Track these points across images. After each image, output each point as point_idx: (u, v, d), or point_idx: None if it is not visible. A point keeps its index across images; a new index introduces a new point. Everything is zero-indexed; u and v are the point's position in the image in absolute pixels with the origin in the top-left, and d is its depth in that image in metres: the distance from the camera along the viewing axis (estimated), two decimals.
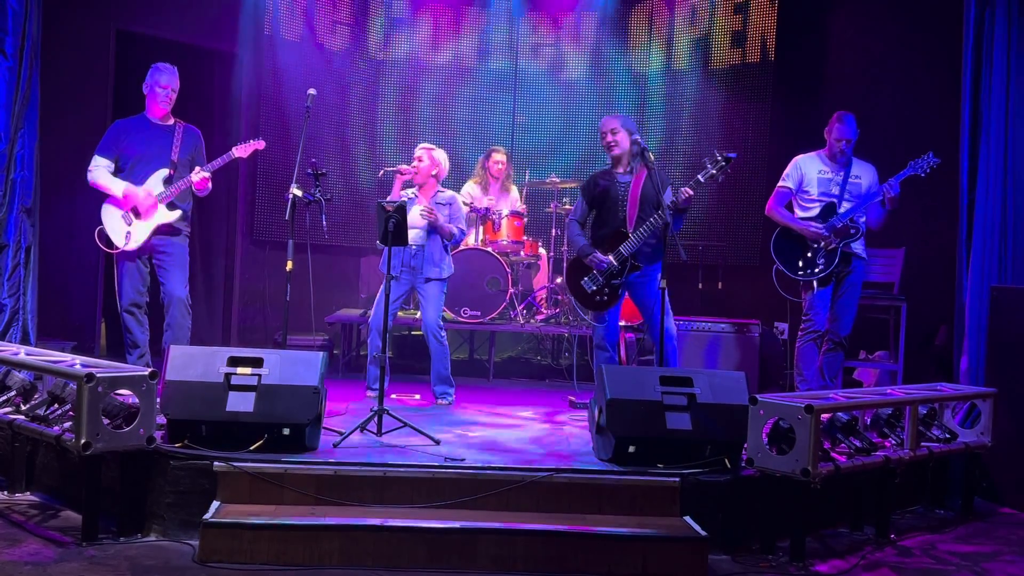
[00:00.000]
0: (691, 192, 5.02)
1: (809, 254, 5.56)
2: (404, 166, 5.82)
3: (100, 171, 5.28)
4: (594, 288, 5.26)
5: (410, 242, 5.61)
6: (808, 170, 5.68)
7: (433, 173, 5.81)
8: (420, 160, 5.77)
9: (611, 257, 5.19)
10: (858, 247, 5.58)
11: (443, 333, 5.79)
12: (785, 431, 3.91)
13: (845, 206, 5.56)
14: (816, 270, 5.52)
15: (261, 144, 5.50)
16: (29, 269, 5.36)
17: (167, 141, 5.34)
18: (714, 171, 4.99)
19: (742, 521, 4.00)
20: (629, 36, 9.00)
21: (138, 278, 5.32)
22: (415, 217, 5.66)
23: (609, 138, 5.33)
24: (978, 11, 5.36)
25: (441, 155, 5.86)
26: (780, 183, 5.75)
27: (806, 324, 5.64)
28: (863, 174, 5.64)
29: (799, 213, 5.68)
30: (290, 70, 8.27)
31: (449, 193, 5.91)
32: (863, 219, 5.58)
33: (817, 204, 5.62)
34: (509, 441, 4.71)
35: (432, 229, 5.73)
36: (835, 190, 5.60)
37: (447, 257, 5.84)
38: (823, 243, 5.51)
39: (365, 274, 8.41)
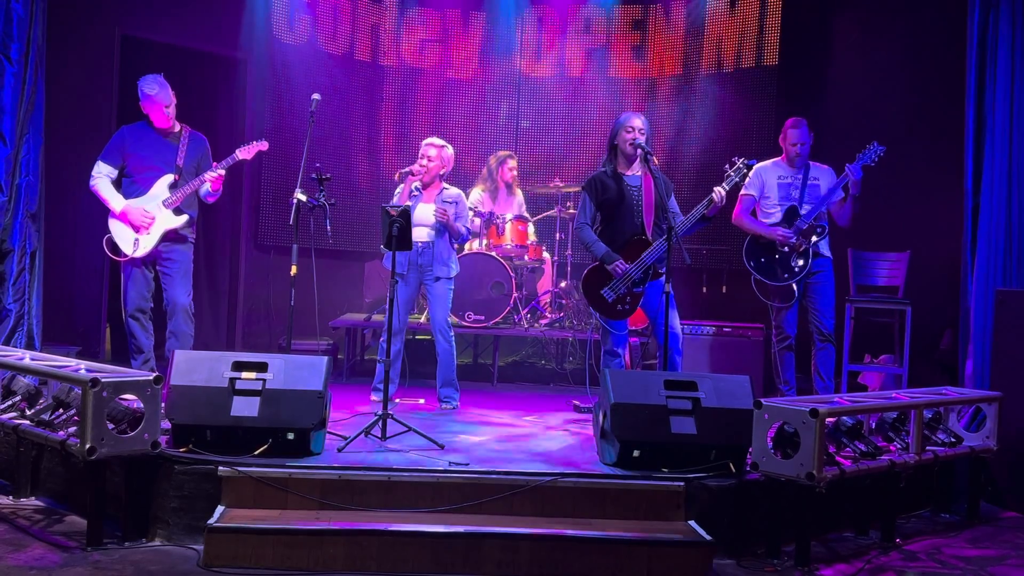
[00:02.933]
0: (720, 204, 4.97)
1: (783, 259, 5.66)
2: (416, 166, 5.71)
3: (102, 181, 5.30)
4: (615, 297, 5.09)
5: (417, 240, 5.60)
6: (768, 177, 5.81)
7: (441, 172, 5.80)
8: (430, 159, 5.72)
9: (634, 266, 5.08)
10: (823, 247, 5.68)
11: (451, 333, 5.77)
12: (790, 435, 3.90)
13: (807, 208, 5.67)
14: (794, 272, 5.61)
15: (264, 145, 5.51)
16: (34, 274, 5.37)
17: (172, 147, 5.37)
18: (737, 179, 5.01)
19: (747, 525, 3.99)
20: (632, 39, 9.00)
21: (143, 284, 5.33)
22: (423, 215, 5.65)
23: (638, 135, 5.09)
24: (982, 13, 5.35)
25: (449, 152, 5.83)
26: (743, 191, 5.83)
27: (778, 334, 5.75)
28: (821, 176, 5.77)
29: (763, 220, 5.80)
30: (295, 75, 8.28)
31: (455, 191, 5.86)
32: (825, 218, 5.71)
33: (779, 208, 5.74)
34: (513, 445, 4.70)
35: (441, 227, 5.69)
36: (795, 194, 5.73)
37: (454, 255, 5.83)
38: (793, 245, 5.60)
39: (369, 278, 8.41)
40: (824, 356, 5.67)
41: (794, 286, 5.65)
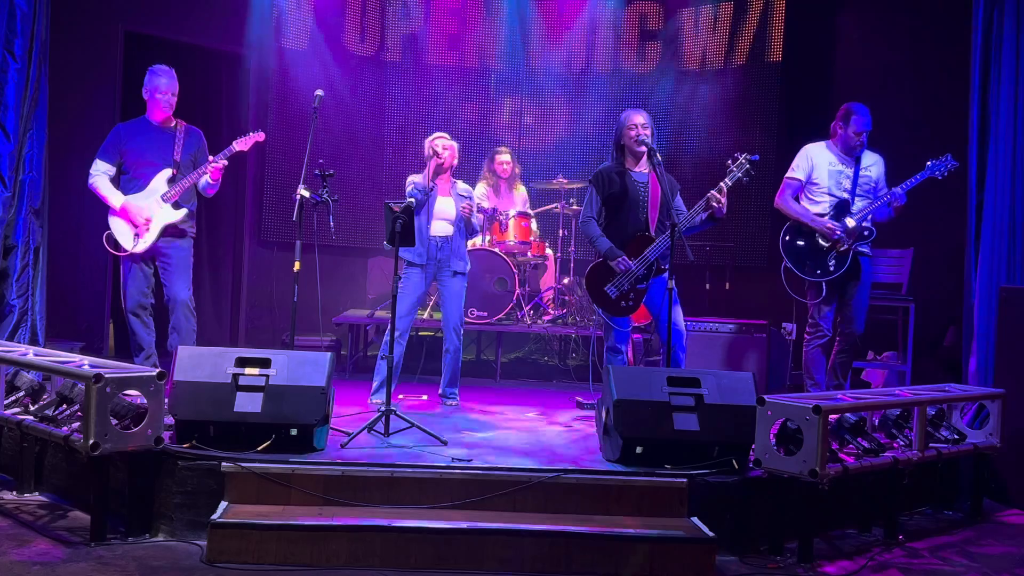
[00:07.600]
0: (724, 201, 4.90)
1: (819, 255, 5.42)
2: (441, 153, 5.58)
3: (101, 179, 5.30)
4: (618, 294, 5.08)
5: (436, 234, 5.57)
6: (819, 160, 5.50)
7: (454, 163, 5.73)
8: (445, 148, 5.61)
9: (637, 261, 5.05)
10: (865, 247, 5.50)
11: (462, 330, 5.76)
12: (793, 432, 3.90)
13: (858, 203, 5.43)
14: (827, 271, 5.40)
15: (260, 136, 5.51)
16: (38, 270, 5.37)
17: (169, 142, 5.37)
18: (739, 174, 4.92)
19: (750, 522, 3.99)
20: (636, 36, 8.99)
21: (142, 280, 5.33)
22: (443, 208, 5.60)
23: (641, 132, 5.07)
24: (986, 11, 5.34)
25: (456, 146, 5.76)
26: (789, 174, 5.57)
27: (814, 330, 5.54)
28: (872, 165, 5.51)
29: (808, 206, 5.52)
30: (297, 72, 8.27)
31: (464, 185, 5.84)
32: (871, 217, 5.53)
33: (828, 199, 5.46)
34: (516, 442, 4.70)
35: (460, 221, 5.65)
36: (846, 184, 5.44)
37: (466, 250, 5.82)
38: (836, 244, 5.39)
39: (373, 275, 8.41)
40: (844, 359, 5.59)
41: (823, 285, 5.43)
